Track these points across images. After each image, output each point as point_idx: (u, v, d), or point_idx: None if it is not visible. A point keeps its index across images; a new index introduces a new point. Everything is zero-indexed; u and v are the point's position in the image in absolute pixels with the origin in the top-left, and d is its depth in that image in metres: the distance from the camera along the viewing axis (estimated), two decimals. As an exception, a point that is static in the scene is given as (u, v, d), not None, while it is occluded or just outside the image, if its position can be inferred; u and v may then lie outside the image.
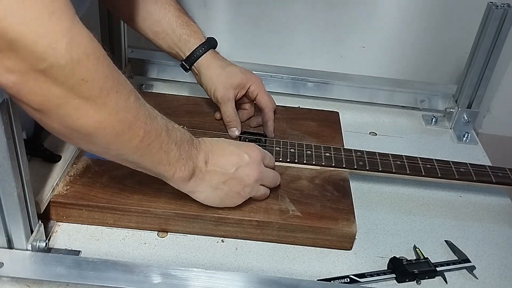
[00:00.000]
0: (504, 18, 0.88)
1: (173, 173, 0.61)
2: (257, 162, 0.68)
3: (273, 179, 0.71)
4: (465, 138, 0.97)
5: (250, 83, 0.86)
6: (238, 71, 0.86)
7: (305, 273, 0.66)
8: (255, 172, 0.67)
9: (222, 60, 0.87)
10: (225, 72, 0.85)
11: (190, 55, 0.85)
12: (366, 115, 1.02)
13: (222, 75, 0.85)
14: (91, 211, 0.68)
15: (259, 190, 0.69)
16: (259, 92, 0.87)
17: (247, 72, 0.87)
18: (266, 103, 0.86)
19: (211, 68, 0.85)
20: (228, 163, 0.66)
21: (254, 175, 0.67)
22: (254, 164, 0.67)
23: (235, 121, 0.85)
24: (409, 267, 0.67)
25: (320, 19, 1.13)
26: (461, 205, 0.81)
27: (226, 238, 0.70)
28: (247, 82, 0.86)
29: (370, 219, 0.76)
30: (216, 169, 0.65)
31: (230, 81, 0.85)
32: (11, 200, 0.55)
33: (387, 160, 0.79)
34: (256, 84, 0.87)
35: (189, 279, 0.58)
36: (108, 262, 0.59)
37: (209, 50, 0.85)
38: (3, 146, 0.51)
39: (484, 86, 0.95)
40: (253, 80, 0.87)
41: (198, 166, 0.64)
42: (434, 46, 1.15)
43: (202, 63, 0.85)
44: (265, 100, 0.86)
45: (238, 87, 0.85)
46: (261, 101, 0.86)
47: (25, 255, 0.59)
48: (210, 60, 0.85)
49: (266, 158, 0.71)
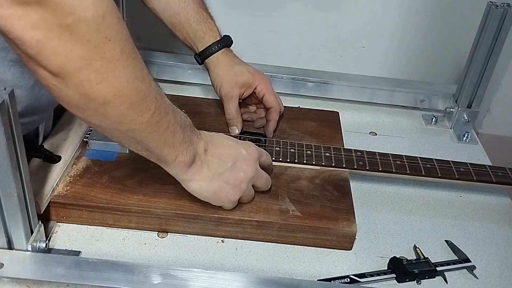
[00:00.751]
0: (504, 18, 0.88)
1: (175, 156, 0.60)
2: (254, 159, 0.68)
3: (266, 181, 0.71)
4: (465, 138, 0.97)
5: (258, 83, 0.87)
6: (246, 70, 0.87)
7: (305, 273, 0.66)
8: (252, 168, 0.67)
9: (233, 59, 0.88)
10: (233, 70, 0.86)
11: (203, 51, 0.86)
12: (366, 115, 1.02)
13: (229, 72, 0.86)
14: (91, 211, 0.68)
15: (250, 190, 0.69)
16: (266, 92, 0.87)
17: (255, 72, 0.88)
18: (272, 103, 0.87)
19: (220, 66, 0.86)
20: (226, 155, 0.66)
21: (251, 171, 0.67)
22: (251, 161, 0.67)
23: (235, 119, 0.85)
24: (409, 267, 0.67)
25: (320, 19, 1.13)
26: (461, 205, 0.81)
27: (226, 238, 0.70)
28: (254, 81, 0.86)
29: (370, 219, 0.76)
30: (215, 160, 0.65)
31: (236, 79, 0.85)
32: (11, 200, 0.55)
33: (387, 160, 0.79)
34: (264, 84, 0.87)
35: (189, 279, 0.58)
36: (108, 263, 0.59)
37: (223, 48, 0.87)
38: (3, 147, 0.51)
39: (484, 86, 0.95)
40: (261, 80, 0.87)
41: (199, 153, 0.63)
42: (434, 46, 1.15)
43: (213, 60, 0.87)
44: (271, 100, 0.87)
45: (244, 86, 0.86)
46: (267, 101, 0.87)
47: (25, 255, 0.59)
48: (221, 57, 0.86)
49: (263, 156, 0.71)
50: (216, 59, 0.87)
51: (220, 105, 0.92)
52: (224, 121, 0.88)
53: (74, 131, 0.80)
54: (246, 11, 1.13)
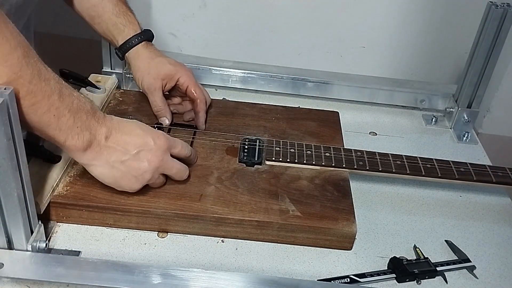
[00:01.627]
0: (504, 18, 0.88)
1: (64, 140, 0.60)
2: (162, 150, 0.67)
3: (177, 171, 0.70)
4: (465, 138, 0.97)
5: (179, 75, 0.86)
6: (167, 62, 0.86)
7: (305, 273, 0.66)
8: (157, 159, 0.66)
9: (154, 51, 0.87)
10: (153, 62, 0.86)
11: (123, 44, 0.86)
12: (366, 115, 1.02)
13: (150, 65, 0.85)
14: (91, 211, 0.68)
15: (159, 178, 0.69)
16: (189, 84, 0.86)
17: (177, 64, 0.87)
18: (197, 95, 0.86)
19: (141, 58, 0.86)
20: (131, 144, 0.65)
21: (155, 162, 0.66)
22: (158, 151, 0.67)
23: (163, 110, 0.85)
24: (409, 267, 0.67)
25: (320, 19, 1.13)
26: (461, 205, 0.81)
27: (226, 238, 0.70)
28: (176, 73, 0.86)
29: (370, 219, 0.76)
30: (116, 147, 0.64)
31: (157, 71, 0.85)
32: (11, 200, 0.55)
33: (387, 160, 0.79)
34: (186, 76, 0.86)
35: (189, 279, 0.58)
36: (108, 263, 0.59)
37: (143, 41, 0.86)
38: (3, 147, 0.51)
39: (484, 86, 0.95)
40: (183, 72, 0.86)
41: (97, 139, 0.63)
42: (434, 46, 1.16)
43: (133, 54, 0.86)
44: (196, 92, 0.86)
45: (166, 77, 0.85)
46: (192, 92, 0.86)
47: (25, 255, 0.59)
48: (142, 50, 0.86)
49: (176, 147, 0.70)
50: (136, 52, 0.86)
51: (220, 104, 0.93)
52: (225, 121, 0.88)
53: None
54: (246, 11, 1.13)
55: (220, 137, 0.83)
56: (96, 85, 0.91)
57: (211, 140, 0.82)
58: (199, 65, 1.02)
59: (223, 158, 0.78)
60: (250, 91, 1.04)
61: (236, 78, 1.03)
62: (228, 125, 0.87)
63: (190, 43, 1.21)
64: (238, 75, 1.03)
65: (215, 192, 0.71)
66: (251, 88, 1.03)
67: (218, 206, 0.69)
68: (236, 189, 0.72)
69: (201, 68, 1.02)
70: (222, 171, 0.75)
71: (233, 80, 1.03)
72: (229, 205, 0.70)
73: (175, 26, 1.19)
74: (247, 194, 0.72)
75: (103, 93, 0.90)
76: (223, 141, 0.82)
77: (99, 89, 0.90)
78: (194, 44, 1.21)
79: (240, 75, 1.03)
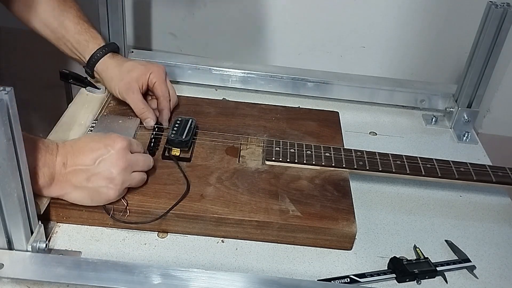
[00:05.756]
0: (503, 18, 0.88)
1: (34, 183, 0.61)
2: (122, 152, 0.67)
3: (144, 163, 0.70)
4: (465, 138, 0.97)
5: (150, 72, 0.86)
6: (137, 63, 0.87)
7: (305, 273, 0.66)
8: (121, 162, 0.66)
9: (121, 59, 0.88)
10: (123, 68, 0.86)
11: (90, 59, 0.86)
12: (366, 115, 1.02)
13: (121, 71, 0.85)
14: (91, 211, 0.68)
15: (134, 177, 0.68)
16: (157, 80, 0.86)
17: (147, 64, 0.87)
18: (161, 92, 0.85)
19: (110, 69, 0.86)
20: (87, 159, 0.65)
21: (119, 165, 0.66)
22: (118, 154, 0.66)
23: (146, 111, 0.84)
24: (409, 267, 0.67)
25: (320, 19, 1.13)
26: (461, 204, 0.81)
27: (226, 239, 0.70)
28: (147, 71, 0.86)
29: (370, 219, 0.76)
30: (76, 168, 0.64)
31: (130, 75, 0.85)
32: (11, 201, 0.55)
33: (387, 160, 0.79)
34: (156, 73, 0.86)
35: (189, 279, 0.58)
36: (108, 263, 0.59)
37: (109, 53, 0.86)
38: (2, 147, 0.51)
39: (484, 86, 0.95)
40: (153, 69, 0.86)
41: (56, 170, 0.64)
42: (434, 46, 1.16)
43: (101, 66, 0.87)
44: (161, 89, 0.85)
45: (140, 79, 0.85)
46: (157, 89, 0.86)
47: (25, 256, 0.59)
48: (109, 61, 0.87)
49: (133, 145, 0.70)
50: (103, 64, 0.86)
51: (220, 104, 0.93)
52: (225, 121, 0.88)
53: (74, 131, 0.81)
54: (246, 11, 1.13)
55: (220, 137, 0.83)
56: (96, 85, 0.91)
57: (211, 140, 0.82)
58: (199, 65, 1.02)
59: (223, 158, 0.78)
60: (250, 91, 1.04)
61: (236, 78, 1.03)
62: (228, 125, 0.87)
63: (190, 43, 1.21)
64: (238, 75, 1.03)
65: (215, 192, 0.71)
66: (251, 88, 1.03)
67: (218, 206, 0.69)
68: (236, 189, 0.72)
69: (201, 68, 1.02)
70: (222, 171, 0.75)
71: (233, 80, 1.03)
72: (229, 205, 0.70)
73: (175, 26, 1.19)
74: (247, 194, 0.72)
75: (103, 93, 0.90)
76: (223, 141, 0.82)
77: (99, 89, 0.90)
78: (194, 44, 1.21)
79: (240, 75, 1.03)
